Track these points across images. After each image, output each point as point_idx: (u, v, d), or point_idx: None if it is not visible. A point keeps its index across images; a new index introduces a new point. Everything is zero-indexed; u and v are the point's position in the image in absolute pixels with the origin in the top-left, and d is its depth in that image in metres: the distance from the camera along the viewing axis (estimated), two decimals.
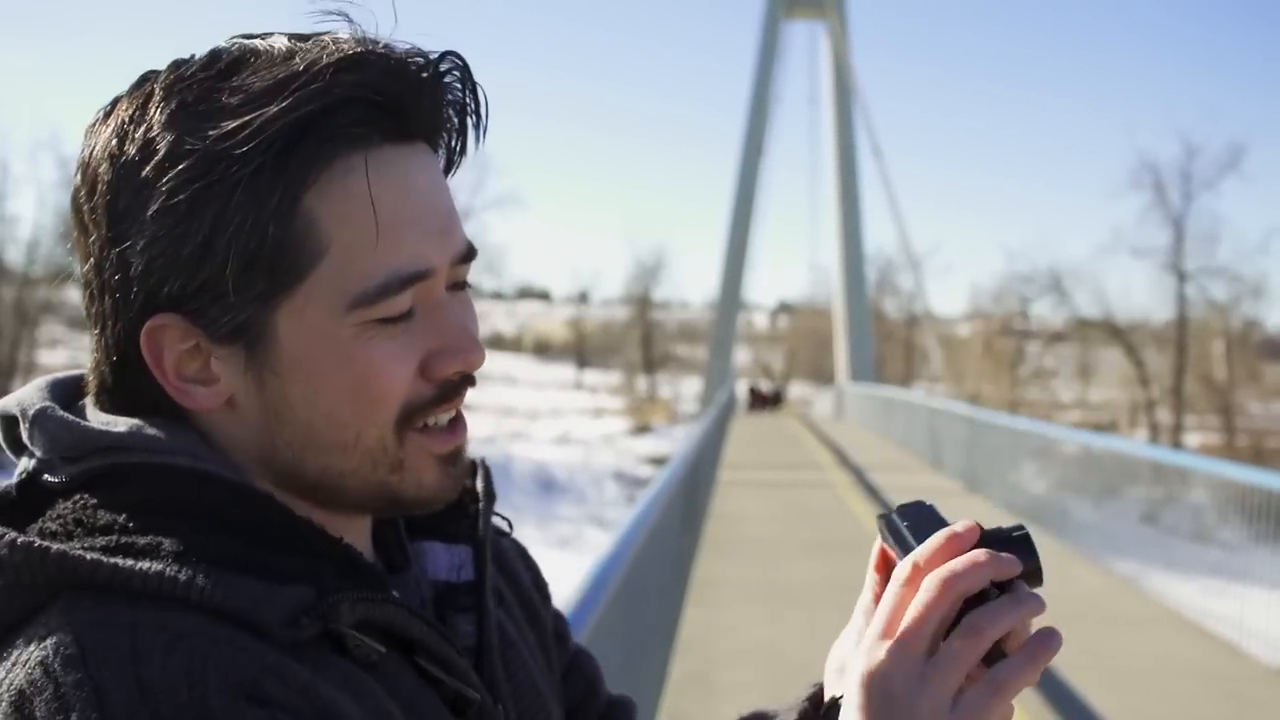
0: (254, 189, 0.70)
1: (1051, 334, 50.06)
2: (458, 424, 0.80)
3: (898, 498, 0.88)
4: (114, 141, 0.74)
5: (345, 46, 0.73)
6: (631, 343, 67.30)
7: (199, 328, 0.74)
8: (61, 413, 0.76)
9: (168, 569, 0.67)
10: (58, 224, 45.77)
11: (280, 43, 0.74)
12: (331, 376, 0.74)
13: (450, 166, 0.82)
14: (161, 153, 0.71)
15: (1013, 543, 0.83)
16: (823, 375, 59.99)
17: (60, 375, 0.83)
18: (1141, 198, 45.95)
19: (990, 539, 0.84)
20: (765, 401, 47.64)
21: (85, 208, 0.75)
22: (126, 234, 0.72)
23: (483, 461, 0.97)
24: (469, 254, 0.79)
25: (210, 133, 0.70)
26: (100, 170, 0.74)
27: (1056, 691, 6.53)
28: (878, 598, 0.86)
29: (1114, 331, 44.66)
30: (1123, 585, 9.99)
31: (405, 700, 0.74)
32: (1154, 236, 42.90)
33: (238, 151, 0.70)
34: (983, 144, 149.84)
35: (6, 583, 0.68)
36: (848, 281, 49.74)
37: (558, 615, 1.03)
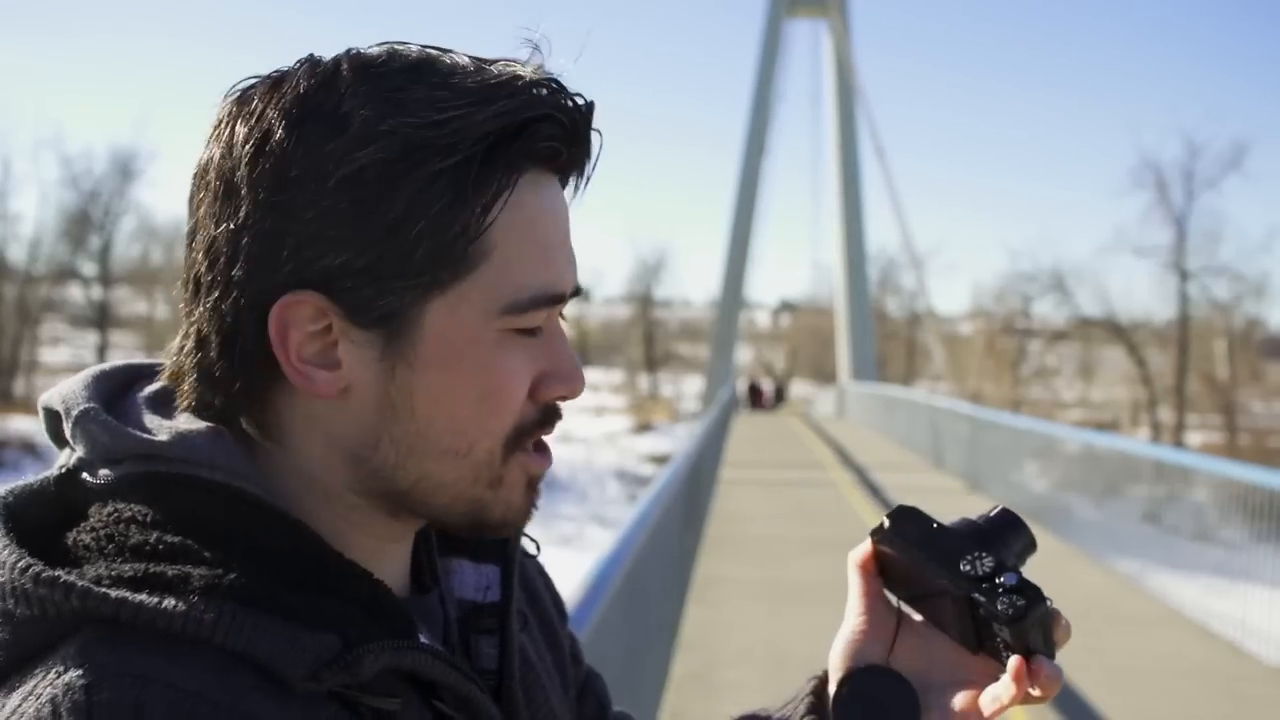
0: (457, 181, 0.72)
1: (1054, 333, 50.07)
2: (547, 450, 0.82)
3: (899, 497, 0.89)
4: (295, 109, 0.72)
5: (531, 70, 0.77)
6: (633, 341, 67.35)
7: (342, 308, 0.73)
8: (104, 416, 0.75)
9: (192, 609, 0.66)
10: (60, 222, 45.89)
11: (462, 57, 0.76)
12: (464, 377, 0.75)
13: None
14: (356, 127, 0.71)
15: (1000, 527, 0.85)
16: (824, 374, 60.00)
17: (108, 367, 0.82)
18: (1144, 197, 46.15)
19: (981, 533, 0.85)
20: (765, 400, 47.21)
21: (241, 170, 0.73)
22: (294, 200, 0.71)
23: None
24: (579, 290, 0.82)
25: (411, 120, 0.71)
26: (274, 134, 0.72)
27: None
28: (866, 597, 0.90)
29: (1116, 330, 44.67)
30: (1125, 584, 9.99)
31: None
32: (1156, 235, 42.91)
33: (444, 142, 0.71)
34: (986, 143, 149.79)
35: (31, 615, 0.67)
36: (850, 280, 49.71)
37: (572, 637, 1.03)
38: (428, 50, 0.76)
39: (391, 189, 0.71)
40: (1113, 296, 52.14)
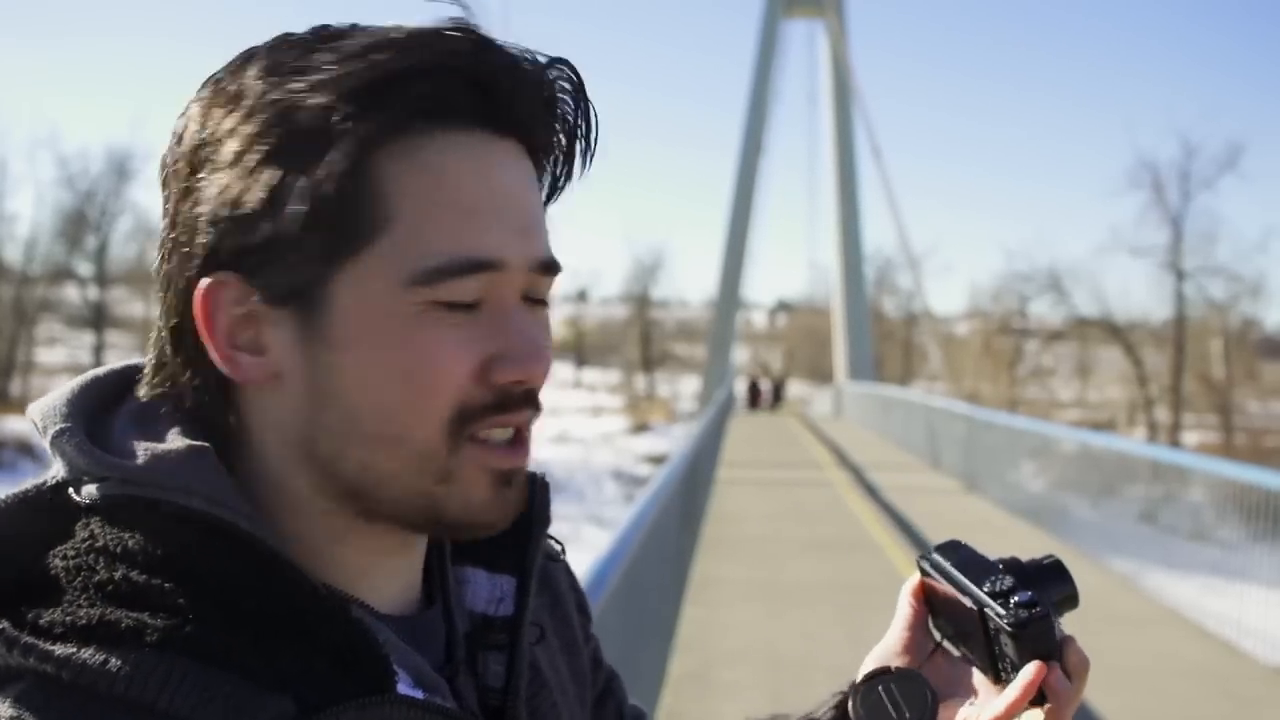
0: (325, 143, 0.69)
1: (1050, 333, 50.05)
2: (520, 444, 0.75)
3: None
4: (206, 96, 0.73)
5: (449, 26, 0.72)
6: (630, 341, 67.28)
7: (256, 288, 0.71)
8: (78, 437, 0.73)
9: (138, 669, 0.63)
10: (56, 222, 45.82)
11: (390, 22, 0.73)
12: (385, 356, 0.70)
13: (554, 184, 0.79)
14: (246, 103, 0.70)
15: (1043, 570, 0.88)
16: (821, 374, 59.97)
17: (101, 373, 0.79)
18: (1140, 197, 46.08)
19: (1021, 569, 0.88)
20: (763, 399, 46.90)
21: (168, 162, 0.74)
22: (200, 184, 0.71)
23: (542, 478, 0.90)
24: (550, 266, 0.75)
25: (293, 86, 0.69)
26: (189, 124, 0.73)
27: None
28: (910, 619, 0.94)
29: (1112, 330, 44.68)
30: (1121, 584, 9.99)
31: None
32: (1152, 236, 42.87)
33: (312, 102, 0.69)
34: (982, 143, 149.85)
35: None
36: (846, 280, 49.72)
37: (594, 639, 1.00)
38: (360, 23, 0.73)
39: (274, 158, 0.69)
40: (1109, 296, 52.17)
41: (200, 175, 0.71)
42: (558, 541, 0.93)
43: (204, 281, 0.71)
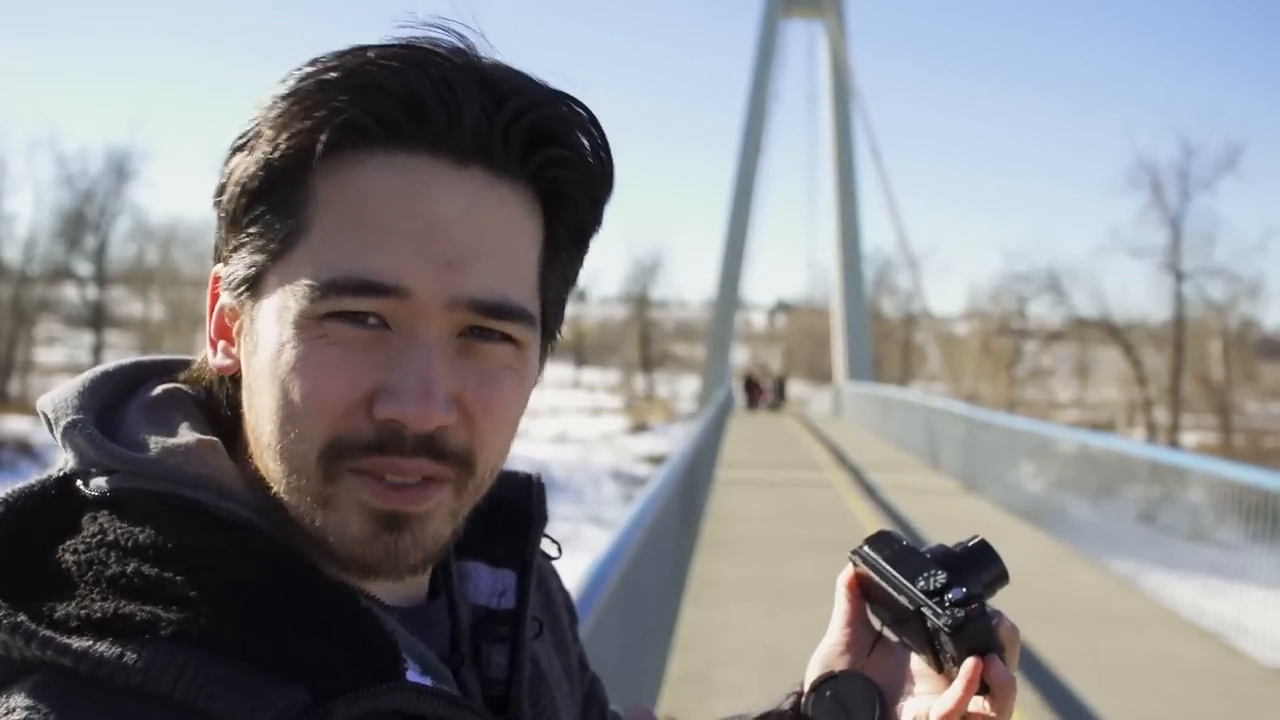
0: (272, 149, 0.71)
1: (1049, 333, 50.05)
2: (413, 488, 0.71)
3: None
4: None
5: (419, 47, 0.71)
6: (629, 341, 67.36)
7: (225, 278, 0.75)
8: (90, 428, 0.74)
9: (154, 662, 0.64)
10: (55, 222, 45.83)
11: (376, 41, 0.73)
12: (278, 363, 0.70)
13: (568, 225, 0.77)
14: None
15: (972, 555, 0.90)
16: (820, 374, 60.00)
17: (112, 368, 0.81)
18: (1139, 197, 46.17)
19: (952, 558, 0.89)
20: (764, 398, 46.00)
21: None
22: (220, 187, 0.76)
23: (537, 479, 0.92)
24: (489, 307, 0.71)
25: (264, 98, 0.73)
26: None
27: (1053, 690, 6.54)
28: (848, 614, 0.94)
29: (1111, 331, 44.69)
30: (1120, 584, 9.99)
31: None
32: (1152, 236, 42.99)
33: (271, 114, 0.72)
34: (981, 143, 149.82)
35: None
36: (846, 280, 49.73)
37: (580, 642, 1.01)
38: (361, 45, 0.74)
39: (234, 156, 0.74)
40: (1108, 297, 52.41)
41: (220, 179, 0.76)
42: (555, 542, 0.94)
43: (212, 270, 0.77)
